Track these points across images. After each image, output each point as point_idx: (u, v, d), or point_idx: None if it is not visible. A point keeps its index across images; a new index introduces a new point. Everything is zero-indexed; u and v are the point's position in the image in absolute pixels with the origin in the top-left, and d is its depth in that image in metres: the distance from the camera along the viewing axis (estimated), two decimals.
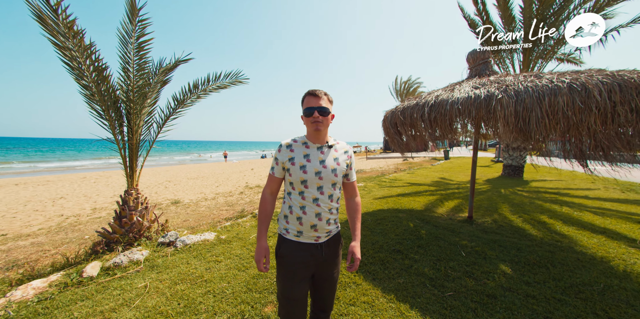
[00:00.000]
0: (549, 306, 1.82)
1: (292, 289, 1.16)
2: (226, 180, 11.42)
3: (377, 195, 5.78)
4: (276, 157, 1.23)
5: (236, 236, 3.27)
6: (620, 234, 3.20)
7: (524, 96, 2.06)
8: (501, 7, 8.63)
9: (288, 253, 1.17)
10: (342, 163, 1.22)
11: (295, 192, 1.17)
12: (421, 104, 2.78)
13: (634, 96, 1.97)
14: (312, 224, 1.15)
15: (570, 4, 7.44)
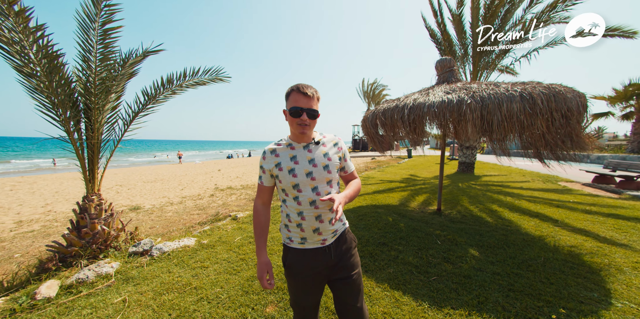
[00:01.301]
0: (510, 279, 2.17)
1: (304, 298, 1.13)
2: (191, 182, 10.59)
3: None
4: (261, 165, 1.14)
5: (219, 240, 3.10)
6: (547, 216, 3.93)
7: (487, 101, 2.44)
8: (455, 22, 9.72)
9: (295, 262, 1.11)
10: (334, 157, 1.13)
11: (290, 199, 1.09)
12: (401, 106, 3.03)
13: (562, 104, 2.48)
14: (314, 228, 1.07)
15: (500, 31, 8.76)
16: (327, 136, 1.19)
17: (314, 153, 1.11)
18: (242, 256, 2.66)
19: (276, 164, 1.10)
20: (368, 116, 3.70)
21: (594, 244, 2.88)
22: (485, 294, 1.96)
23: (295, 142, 1.12)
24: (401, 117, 2.95)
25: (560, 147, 2.79)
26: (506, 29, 8.92)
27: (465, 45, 9.59)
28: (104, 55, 2.52)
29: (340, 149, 1.18)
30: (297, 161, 1.09)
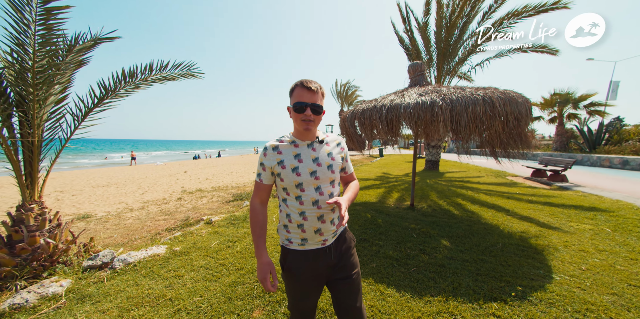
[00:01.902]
0: (477, 265, 2.42)
1: (304, 301, 1.11)
2: (153, 186, 9.64)
3: None
4: (262, 162, 1.08)
5: (194, 246, 2.87)
6: (501, 207, 4.48)
7: (456, 104, 2.68)
8: (421, 30, 10.46)
9: (295, 264, 1.07)
10: (337, 157, 1.12)
11: (292, 198, 1.05)
12: (379, 107, 3.16)
13: (515, 108, 2.84)
14: (315, 229, 1.04)
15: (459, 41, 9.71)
16: (330, 135, 1.17)
17: (318, 152, 1.08)
18: (221, 261, 2.50)
19: (279, 162, 1.05)
20: (347, 115, 3.78)
21: (536, 229, 3.36)
22: (459, 280, 2.15)
23: (299, 140, 1.08)
24: (379, 117, 3.08)
25: (512, 146, 3.21)
26: (464, 39, 9.89)
27: (431, 52, 10.37)
28: (45, 39, 2.13)
29: (343, 150, 1.17)
30: (301, 159, 1.05)
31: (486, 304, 1.85)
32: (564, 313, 1.74)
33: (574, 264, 2.43)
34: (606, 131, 13.90)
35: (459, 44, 9.92)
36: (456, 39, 9.82)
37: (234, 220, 3.96)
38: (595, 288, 2.04)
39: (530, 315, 1.73)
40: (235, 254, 2.72)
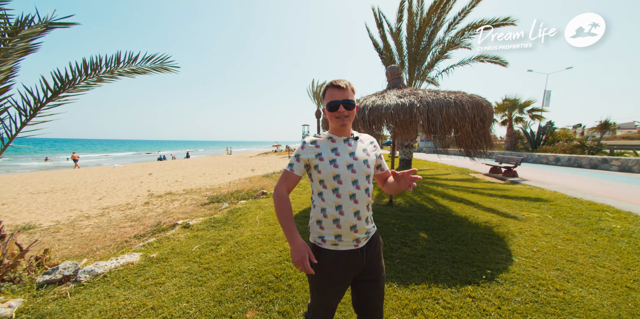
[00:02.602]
0: (452, 253, 2.66)
1: (332, 300, 1.12)
2: (112, 190, 8.67)
3: None
4: (298, 154, 1.11)
5: (172, 252, 2.67)
6: (468, 200, 4.97)
7: (432, 106, 2.92)
8: (394, 35, 11.02)
9: (328, 264, 1.06)
10: (372, 153, 1.16)
11: (329, 191, 1.06)
12: (361, 107, 3.28)
13: (481, 111, 3.18)
14: (351, 225, 1.04)
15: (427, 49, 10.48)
16: (363, 135, 1.22)
17: (354, 147, 1.12)
18: (206, 265, 2.37)
19: (317, 155, 1.08)
20: None
21: (498, 219, 3.80)
22: (438, 268, 2.35)
23: (336, 136, 1.13)
24: (362, 117, 3.20)
25: (478, 145, 3.59)
26: (432, 46, 10.67)
27: (403, 57, 10.98)
28: None
29: (376, 148, 1.22)
30: (338, 152, 1.09)
31: (462, 287, 2.05)
32: (523, 289, 2.02)
33: (528, 247, 2.80)
34: (543, 133, 16.16)
35: (428, 51, 10.69)
36: (425, 45, 10.55)
37: (214, 223, 3.77)
38: (544, 265, 2.39)
39: (498, 294, 1.97)
40: (220, 257, 2.60)
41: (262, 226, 3.68)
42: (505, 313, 1.75)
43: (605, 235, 3.14)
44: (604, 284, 2.08)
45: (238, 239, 3.14)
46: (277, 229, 3.52)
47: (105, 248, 3.41)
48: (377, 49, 11.64)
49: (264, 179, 9.50)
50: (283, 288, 2.06)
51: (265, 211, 4.51)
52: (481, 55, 10.18)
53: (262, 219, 4.03)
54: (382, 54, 11.36)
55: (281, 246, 2.92)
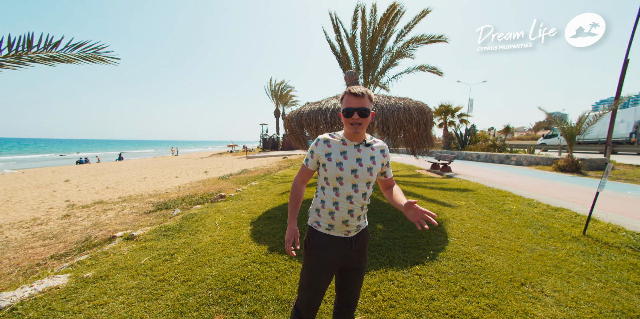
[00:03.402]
0: (404, 240, 3.04)
1: (321, 279, 1.20)
2: (5, 203, 6.82)
3: (277, 191, 6.08)
4: (312, 150, 1.21)
5: (114, 267, 2.32)
6: (415, 193, 5.68)
7: (385, 110, 3.26)
8: (350, 41, 11.63)
9: (319, 245, 1.19)
10: (378, 162, 1.21)
11: (330, 188, 1.17)
12: (323, 109, 3.43)
13: (424, 115, 3.70)
14: (344, 219, 1.16)
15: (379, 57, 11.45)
16: (377, 141, 1.27)
17: (363, 154, 1.18)
18: (160, 277, 2.16)
19: (326, 154, 1.17)
20: (293, 116, 3.89)
21: (438, 207, 4.47)
22: (392, 254, 2.67)
23: (348, 140, 1.19)
24: (324, 118, 3.35)
25: (422, 145, 4.16)
26: (382, 54, 11.67)
27: (358, 62, 11.69)
28: None
29: (386, 156, 1.25)
30: (346, 156, 1.16)
31: (412, 268, 2.39)
32: (455, 263, 2.47)
33: (458, 230, 3.41)
34: (468, 134, 19.46)
35: (380, 58, 11.65)
36: (377, 53, 11.46)
37: (165, 231, 3.40)
38: (469, 242, 2.96)
39: (437, 269, 2.36)
40: (177, 266, 2.39)
41: (223, 230, 3.50)
42: (443, 283, 2.13)
43: (507, 215, 4.04)
44: (504, 251, 2.71)
45: (197, 246, 2.92)
46: (240, 232, 3.41)
47: (3, 277, 2.70)
48: (334, 52, 12.08)
49: (221, 182, 8.89)
50: (251, 289, 2.04)
51: (225, 214, 4.28)
52: (422, 65, 11.59)
53: (222, 223, 3.82)
54: (339, 57, 11.85)
55: (245, 248, 2.85)
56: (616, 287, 2.07)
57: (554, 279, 2.19)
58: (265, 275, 2.26)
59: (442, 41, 10.39)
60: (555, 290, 2.03)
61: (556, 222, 3.64)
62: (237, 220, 3.96)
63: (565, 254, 2.66)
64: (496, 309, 1.81)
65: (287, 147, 32.75)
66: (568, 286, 2.08)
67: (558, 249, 2.79)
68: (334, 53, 12.04)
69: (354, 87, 1.13)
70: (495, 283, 2.13)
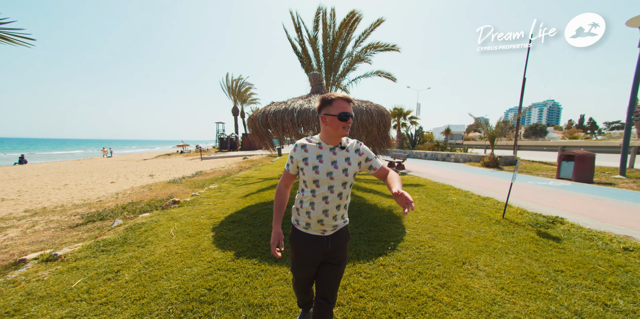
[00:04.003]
0: (368, 234, 3.27)
1: (301, 270, 1.37)
2: None
3: (239, 194, 5.78)
4: (291, 155, 1.28)
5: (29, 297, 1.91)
6: (375, 190, 6.12)
7: None
8: (311, 42, 11.76)
9: (299, 242, 1.32)
10: (354, 162, 1.26)
11: (308, 190, 1.25)
12: (290, 110, 3.42)
13: (383, 118, 4.03)
14: (319, 219, 1.24)
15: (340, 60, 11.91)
16: (350, 142, 1.31)
17: (338, 156, 1.24)
18: (103, 299, 1.86)
19: (303, 159, 1.24)
20: (257, 115, 3.76)
21: (394, 202, 4.92)
22: (358, 248, 2.85)
23: (325, 143, 1.25)
24: (291, 119, 3.34)
25: (382, 145, 4.52)
26: (343, 58, 12.14)
27: (320, 63, 11.90)
28: None
29: (361, 154, 1.29)
30: (322, 160, 1.23)
31: (376, 259, 2.60)
32: (412, 251, 2.79)
33: (413, 221, 3.84)
34: (417, 135, 21.81)
35: (340, 61, 12.08)
36: (338, 56, 11.86)
37: (105, 246, 2.93)
38: (422, 232, 3.37)
39: (398, 258, 2.63)
40: (125, 285, 2.10)
41: (180, 239, 3.18)
42: (403, 270, 2.39)
43: (450, 206, 4.71)
44: (449, 237, 3.18)
45: (149, 259, 2.60)
46: (201, 239, 3.16)
47: None
48: (295, 52, 12.05)
49: (172, 186, 8.00)
50: (219, 298, 1.93)
51: (181, 222, 3.89)
52: (379, 71, 12.47)
53: (178, 231, 3.47)
54: (301, 57, 11.87)
55: (209, 256, 2.66)
56: (523, 256, 2.65)
57: (485, 256, 2.67)
58: (234, 282, 2.16)
59: (395, 50, 11.37)
60: (486, 265, 2.49)
61: (485, 209, 4.41)
62: (196, 227, 3.66)
63: (492, 235, 3.26)
64: (445, 287, 2.12)
65: (247, 147, 31.24)
66: (494, 261, 2.57)
67: (486, 231, 3.39)
68: (296, 52, 12.02)
69: (345, 94, 1.20)
70: (444, 265, 2.49)
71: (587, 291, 2.05)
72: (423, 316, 1.77)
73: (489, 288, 2.11)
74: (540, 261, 2.56)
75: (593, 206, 4.64)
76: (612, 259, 2.57)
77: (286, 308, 1.85)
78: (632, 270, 2.36)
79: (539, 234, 3.26)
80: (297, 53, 12.07)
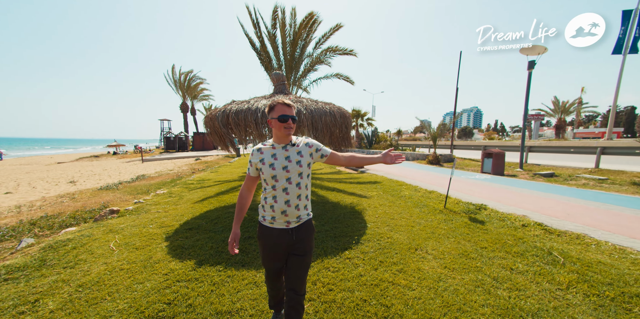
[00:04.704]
0: (334, 231, 3.42)
1: (269, 263, 1.50)
2: None
3: (194, 199, 5.30)
4: (250, 160, 1.45)
5: None
6: (338, 188, 6.39)
7: (314, 113, 3.52)
8: (271, 40, 11.49)
9: (264, 237, 1.45)
10: (306, 154, 1.44)
11: (269, 186, 1.40)
12: (253, 109, 3.31)
13: (345, 119, 4.25)
14: (282, 210, 1.37)
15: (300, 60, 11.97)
16: (300, 139, 1.51)
17: (290, 152, 1.41)
18: None
19: (260, 160, 1.40)
20: (217, 114, 3.53)
21: (357, 199, 5.24)
22: (326, 245, 2.97)
23: (277, 144, 1.43)
24: (254, 119, 3.25)
25: (344, 145, 4.76)
26: (304, 58, 12.21)
27: (280, 62, 11.71)
28: None
29: (311, 146, 1.48)
30: (276, 157, 1.39)
31: (343, 253, 2.76)
32: (373, 243, 3.04)
33: (373, 216, 4.17)
34: (373, 135, 23.46)
35: (301, 62, 12.13)
36: (299, 56, 11.89)
37: (9, 273, 2.37)
38: (381, 225, 3.70)
39: (362, 250, 2.85)
40: (51, 315, 1.76)
41: (124, 253, 2.79)
42: (367, 261, 2.60)
43: (403, 200, 5.27)
44: (404, 228, 3.58)
45: (83, 281, 2.22)
46: (152, 251, 2.83)
47: None
48: (254, 48, 11.61)
49: (104, 194, 6.84)
50: (181, 310, 1.80)
51: (123, 234, 3.40)
52: (338, 73, 12.94)
53: (121, 245, 3.03)
54: (260, 54, 11.49)
55: (164, 268, 2.42)
56: (459, 239, 3.18)
57: (432, 241, 3.11)
58: (197, 292, 2.02)
59: (353, 55, 11.97)
60: (433, 249, 2.90)
61: (430, 201, 5.07)
62: (145, 238, 3.25)
63: (436, 223, 3.80)
64: (402, 272, 2.40)
65: (199, 147, 28.63)
66: (439, 245, 3.01)
67: (432, 220, 3.93)
68: (254, 49, 11.58)
69: (285, 100, 1.40)
70: (401, 252, 2.80)
71: (501, 261, 2.59)
72: (385, 299, 1.98)
73: (436, 268, 2.48)
74: (471, 241, 3.11)
75: (504, 194, 5.80)
76: (515, 234, 3.30)
77: (257, 311, 1.83)
78: (526, 241, 3.07)
79: (470, 220, 3.93)
80: (256, 50, 11.65)
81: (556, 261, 2.56)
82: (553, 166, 9.88)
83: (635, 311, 1.83)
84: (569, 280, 2.21)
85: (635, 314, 1.81)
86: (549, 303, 1.93)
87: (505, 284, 2.18)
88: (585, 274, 2.31)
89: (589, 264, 2.48)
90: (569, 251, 2.79)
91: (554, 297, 2.01)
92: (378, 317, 1.78)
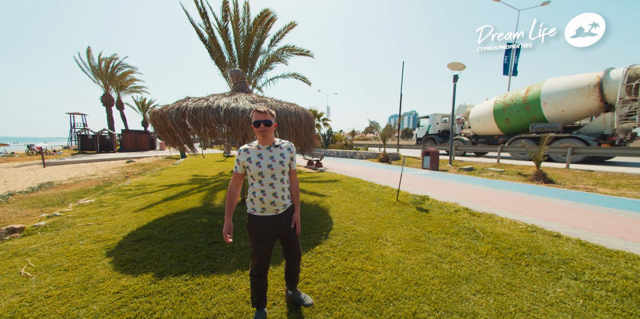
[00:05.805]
0: (303, 228, 3.50)
1: (261, 247, 1.63)
2: None
3: (135, 207, 4.59)
4: (237, 158, 1.61)
5: None
6: (302, 188, 6.45)
7: (280, 114, 3.50)
8: (222, 33, 10.73)
9: (254, 225, 1.62)
10: (287, 156, 1.66)
11: (256, 182, 1.59)
12: (215, 108, 3.10)
13: (310, 120, 4.36)
14: (271, 201, 1.58)
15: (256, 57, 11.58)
16: (284, 142, 1.72)
17: (274, 152, 1.62)
18: None
19: (247, 158, 1.58)
20: (170, 112, 3.15)
21: (320, 198, 5.44)
22: None
23: (262, 145, 1.63)
24: (216, 118, 3.04)
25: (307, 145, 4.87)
26: (258, 55, 11.81)
27: (233, 57, 11.04)
28: None
29: (292, 153, 1.71)
30: (262, 157, 1.59)
31: (314, 248, 2.88)
32: (340, 236, 3.27)
33: (337, 212, 4.42)
34: (329, 135, 24.35)
35: (256, 58, 11.70)
36: (253, 52, 11.44)
37: None
38: (346, 220, 3.98)
39: (331, 244, 3.03)
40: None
41: (49, 278, 2.28)
42: (337, 253, 2.79)
43: (362, 195, 5.73)
44: (365, 220, 3.94)
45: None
46: (91, 270, 2.41)
47: None
48: (202, 39, 10.66)
49: None
50: None
51: (38, 256, 2.76)
52: (295, 73, 12.98)
53: (39, 269, 2.46)
54: (209, 47, 10.61)
55: (114, 286, 2.10)
56: (411, 226, 3.70)
57: (390, 230, 3.52)
58: (164, 304, 1.83)
59: (310, 55, 12.18)
60: (391, 237, 3.29)
61: (385, 195, 5.66)
62: (76, 256, 2.71)
63: (391, 214, 4.29)
64: (368, 259, 2.67)
65: (130, 148, 24.48)
66: (395, 233, 3.43)
67: (388, 212, 4.42)
68: (202, 40, 10.64)
69: (258, 107, 1.60)
70: (365, 242, 3.09)
71: (443, 241, 3.15)
72: (357, 284, 2.19)
73: (395, 252, 2.84)
74: (420, 227, 3.65)
75: (440, 186, 6.93)
76: (450, 218, 4.03)
77: (237, 313, 1.78)
78: (458, 223, 3.80)
79: (417, 209, 4.57)
80: (204, 41, 10.71)
81: (479, 236, 3.25)
82: (472, 161, 12.20)
83: (522, 264, 2.52)
84: (487, 249, 2.86)
85: (523, 266, 2.49)
86: (475, 268, 2.47)
87: (447, 258, 2.68)
88: (496, 243, 3.02)
89: (498, 236, 3.24)
90: (485, 227, 3.58)
91: (478, 263, 2.57)
92: (353, 300, 1.97)
